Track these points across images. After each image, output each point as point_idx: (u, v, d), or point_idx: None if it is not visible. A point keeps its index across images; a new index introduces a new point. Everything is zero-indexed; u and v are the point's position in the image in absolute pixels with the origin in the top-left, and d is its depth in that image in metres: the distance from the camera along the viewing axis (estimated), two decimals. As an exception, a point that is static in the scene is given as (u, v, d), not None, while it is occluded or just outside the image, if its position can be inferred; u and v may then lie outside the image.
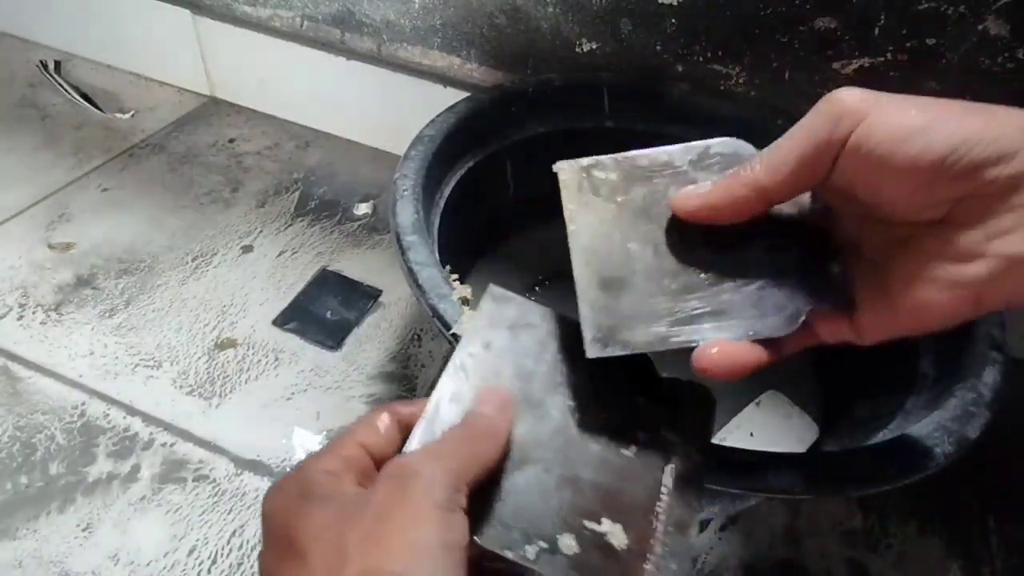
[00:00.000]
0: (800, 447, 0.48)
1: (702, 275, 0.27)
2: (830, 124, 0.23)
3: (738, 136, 0.29)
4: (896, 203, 0.24)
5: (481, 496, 0.25)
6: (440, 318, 0.35)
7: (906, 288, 0.24)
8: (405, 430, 0.27)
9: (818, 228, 0.28)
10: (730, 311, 0.26)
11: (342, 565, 0.21)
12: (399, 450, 0.26)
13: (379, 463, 0.25)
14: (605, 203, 0.29)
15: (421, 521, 0.22)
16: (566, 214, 0.29)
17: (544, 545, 0.24)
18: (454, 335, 0.34)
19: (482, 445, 0.25)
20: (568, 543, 0.24)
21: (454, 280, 0.37)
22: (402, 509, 0.22)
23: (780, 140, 0.25)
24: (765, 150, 0.26)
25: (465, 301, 0.36)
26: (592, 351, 0.27)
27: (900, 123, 0.22)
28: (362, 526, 0.22)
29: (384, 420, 0.27)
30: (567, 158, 0.33)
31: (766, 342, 0.26)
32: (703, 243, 0.28)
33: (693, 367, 0.26)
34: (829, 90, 0.24)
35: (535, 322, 0.31)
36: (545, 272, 0.59)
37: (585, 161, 0.30)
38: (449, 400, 0.27)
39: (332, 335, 0.58)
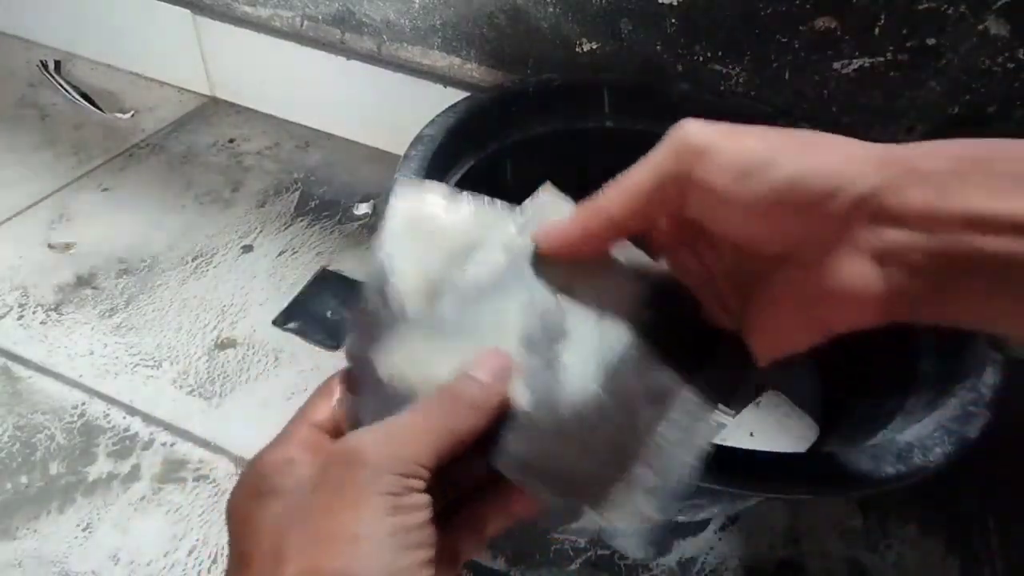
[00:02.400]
0: (800, 447, 0.48)
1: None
2: (673, 158, 0.24)
3: None
4: (740, 236, 0.24)
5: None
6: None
7: (760, 316, 0.25)
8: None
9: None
10: None
11: (279, 567, 0.20)
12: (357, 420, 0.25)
13: (336, 434, 0.24)
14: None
15: (364, 511, 0.20)
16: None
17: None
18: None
19: (461, 417, 0.23)
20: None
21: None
22: (343, 501, 0.21)
23: (631, 170, 0.26)
24: (617, 179, 0.26)
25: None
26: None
27: (740, 157, 0.23)
28: (303, 523, 0.21)
29: (335, 391, 0.25)
30: (567, 158, 0.33)
31: None
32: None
33: None
34: (829, 90, 0.24)
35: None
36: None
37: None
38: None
39: (332, 335, 0.58)
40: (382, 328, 0.25)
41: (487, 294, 0.27)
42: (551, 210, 0.29)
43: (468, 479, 0.26)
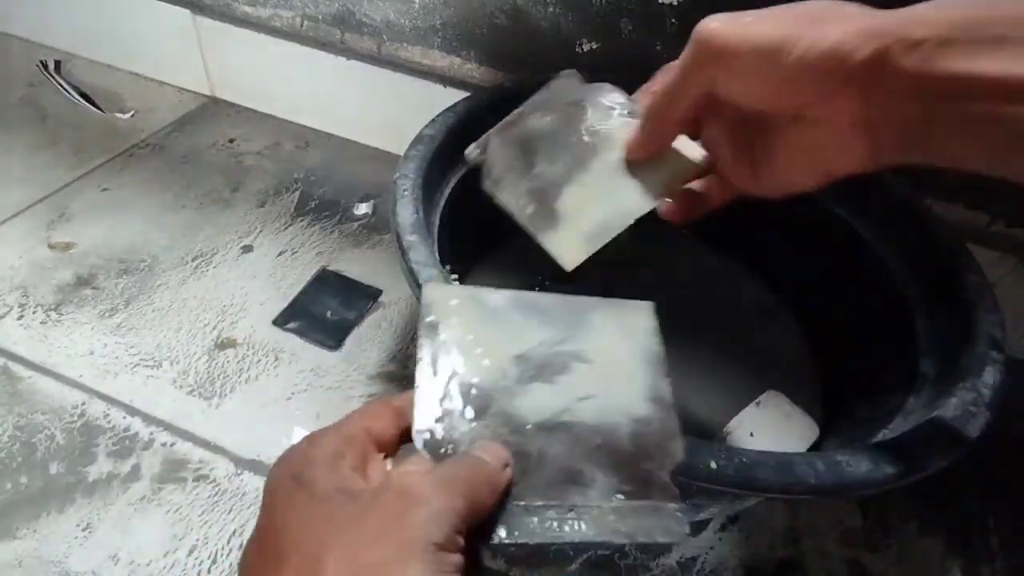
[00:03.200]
0: (800, 447, 0.48)
1: None
2: (700, 66, 0.29)
3: None
4: (761, 106, 0.29)
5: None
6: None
7: (776, 161, 0.30)
8: (404, 419, 0.26)
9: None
10: None
11: None
12: (402, 435, 0.26)
13: (380, 447, 0.25)
14: None
15: (415, 559, 0.20)
16: None
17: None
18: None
19: (483, 490, 0.24)
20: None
21: (454, 280, 0.37)
22: (398, 539, 0.21)
23: (668, 79, 0.31)
24: (659, 93, 0.32)
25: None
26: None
27: (757, 51, 0.27)
28: (349, 544, 0.21)
29: (386, 411, 0.27)
30: None
31: (693, 196, 0.38)
32: None
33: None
34: None
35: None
36: (545, 272, 0.58)
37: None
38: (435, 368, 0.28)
39: (332, 335, 0.58)
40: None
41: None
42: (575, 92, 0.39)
43: None
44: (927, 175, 0.58)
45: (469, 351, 0.28)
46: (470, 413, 0.26)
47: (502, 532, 0.24)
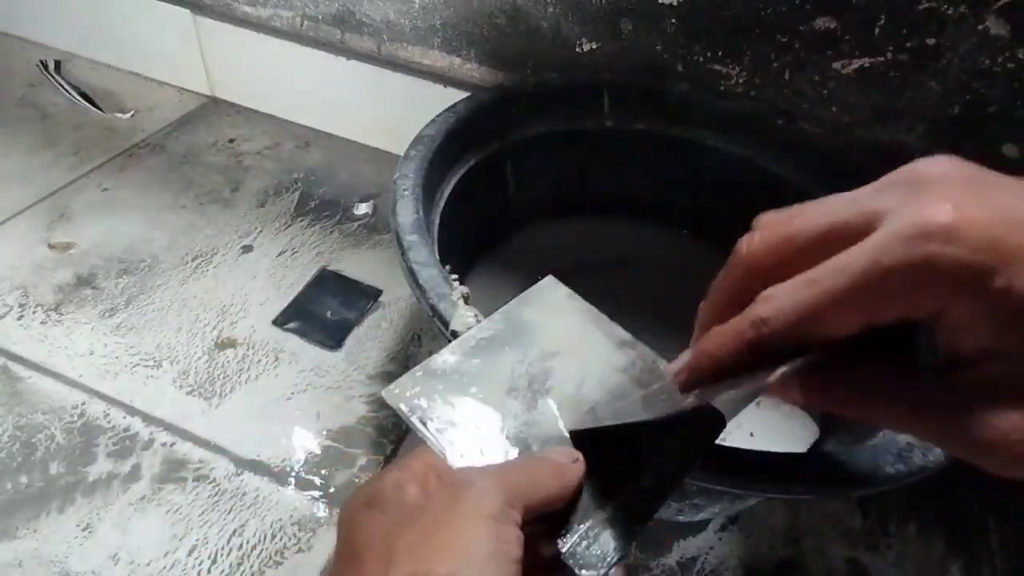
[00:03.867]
0: (800, 447, 0.48)
1: None
2: (905, 249, 0.17)
3: (736, 134, 0.28)
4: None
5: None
6: (440, 318, 0.35)
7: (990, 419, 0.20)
8: None
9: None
10: None
11: (389, 567, 0.21)
12: None
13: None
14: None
15: (471, 528, 0.22)
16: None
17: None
18: (453, 333, 0.34)
19: (544, 477, 0.25)
20: None
21: (454, 280, 0.37)
22: (452, 516, 0.22)
23: (834, 264, 0.18)
24: (817, 273, 0.19)
25: (465, 300, 0.36)
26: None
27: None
28: (413, 531, 0.22)
29: None
30: (567, 158, 0.34)
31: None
32: None
33: None
34: (829, 90, 0.22)
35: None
36: (545, 272, 0.59)
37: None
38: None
39: (332, 335, 0.58)
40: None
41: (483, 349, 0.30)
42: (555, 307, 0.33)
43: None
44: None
45: (470, 419, 0.28)
46: (514, 453, 0.27)
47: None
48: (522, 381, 0.29)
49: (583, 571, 0.24)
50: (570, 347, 0.30)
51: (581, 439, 0.28)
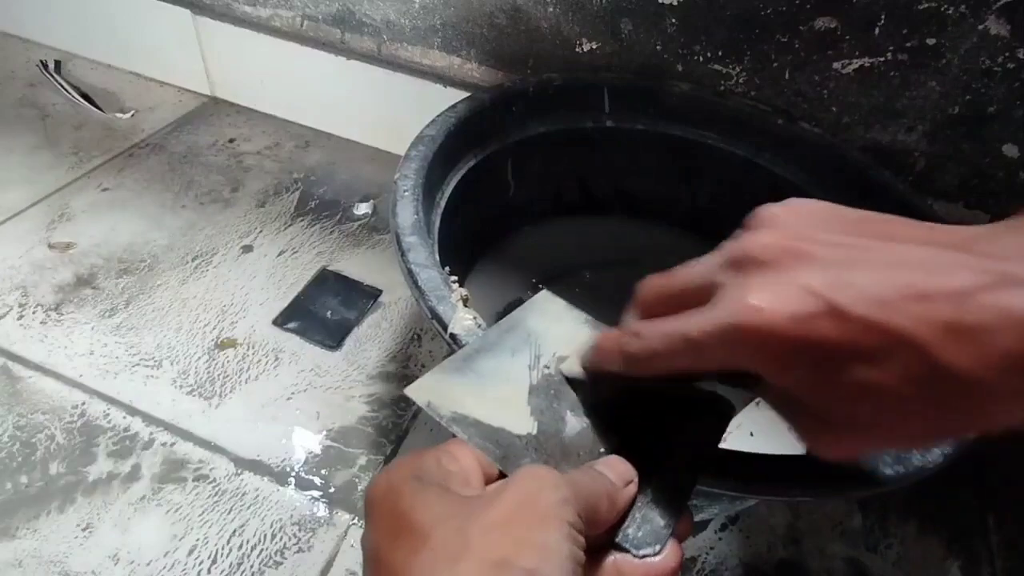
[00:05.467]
0: (800, 448, 0.48)
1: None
2: (731, 352, 0.23)
3: (736, 134, 0.28)
4: None
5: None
6: (439, 320, 0.35)
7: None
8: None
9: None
10: None
11: (463, 551, 0.21)
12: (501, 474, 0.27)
13: (485, 472, 0.26)
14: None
15: (553, 528, 0.21)
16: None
17: None
18: (452, 335, 0.34)
19: (601, 501, 0.25)
20: None
21: (453, 282, 0.37)
22: (534, 512, 0.22)
23: (695, 322, 0.24)
24: (685, 320, 0.25)
25: (465, 303, 0.36)
26: None
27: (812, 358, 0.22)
28: (488, 518, 0.21)
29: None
30: (567, 158, 0.35)
31: None
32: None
33: None
34: (829, 90, 0.24)
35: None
36: (545, 272, 0.59)
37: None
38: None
39: (332, 335, 0.58)
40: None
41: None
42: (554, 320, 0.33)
43: None
44: (927, 175, 0.58)
45: (496, 414, 0.28)
46: (535, 450, 0.27)
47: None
48: (539, 381, 0.29)
49: (640, 551, 0.25)
50: (575, 351, 0.31)
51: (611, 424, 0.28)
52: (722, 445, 0.30)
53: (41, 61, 0.84)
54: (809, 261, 0.22)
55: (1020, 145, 0.54)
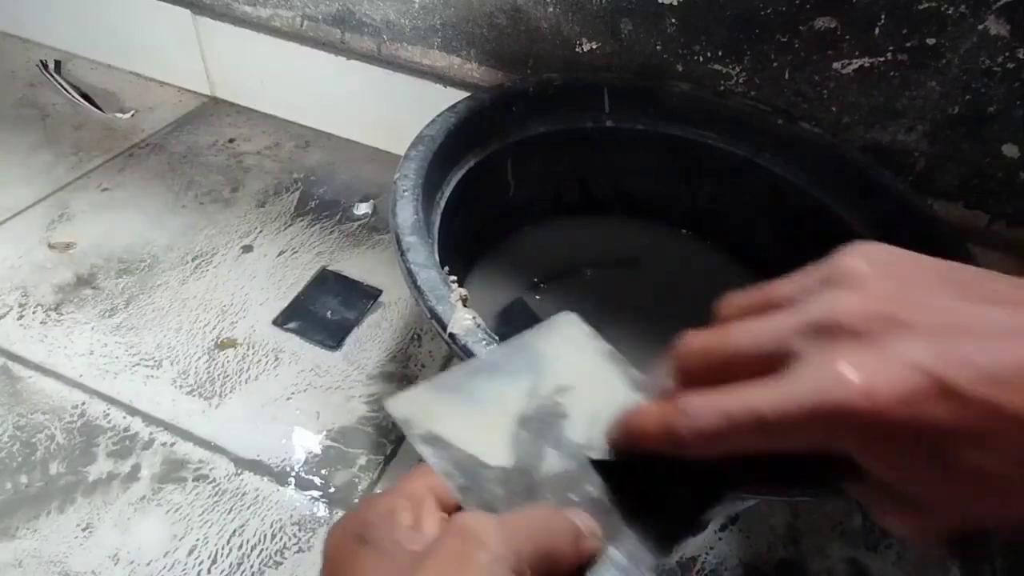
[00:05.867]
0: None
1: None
2: (824, 430, 0.20)
3: (736, 134, 0.27)
4: None
5: None
6: (438, 320, 0.35)
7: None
8: None
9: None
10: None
11: None
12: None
13: (443, 505, 0.25)
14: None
15: None
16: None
17: None
18: (451, 335, 0.34)
19: (562, 542, 0.23)
20: None
21: (452, 281, 0.37)
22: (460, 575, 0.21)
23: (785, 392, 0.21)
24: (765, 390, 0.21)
25: (464, 303, 0.36)
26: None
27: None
28: None
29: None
30: (567, 158, 0.33)
31: None
32: None
33: None
34: (829, 90, 0.23)
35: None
36: (545, 272, 0.59)
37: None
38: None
39: (332, 335, 0.58)
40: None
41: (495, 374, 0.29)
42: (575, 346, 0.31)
43: None
44: (927, 175, 0.58)
45: (474, 442, 0.27)
46: (517, 484, 0.26)
47: None
48: (532, 411, 0.28)
49: None
50: (584, 383, 0.29)
51: (597, 467, 0.27)
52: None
53: (41, 61, 0.84)
54: (911, 330, 0.19)
55: (1020, 145, 0.54)
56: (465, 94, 0.54)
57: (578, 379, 0.29)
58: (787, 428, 0.20)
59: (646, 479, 0.26)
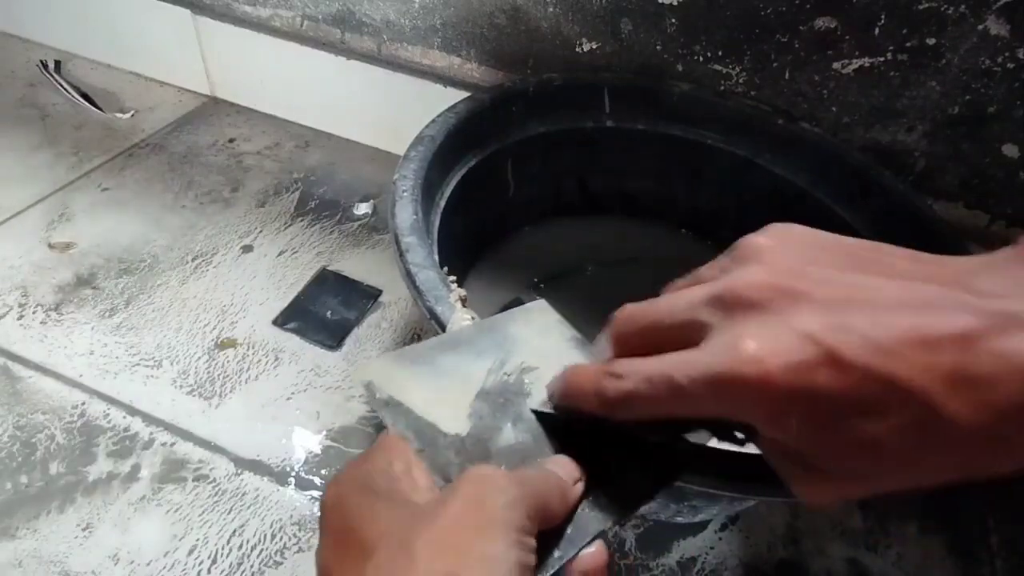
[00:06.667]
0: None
1: None
2: (722, 398, 0.21)
3: (736, 134, 0.27)
4: None
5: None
6: (437, 320, 0.35)
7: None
8: None
9: None
10: None
11: (409, 567, 0.20)
12: None
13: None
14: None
15: (499, 536, 0.21)
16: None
17: None
18: None
19: (553, 496, 0.24)
20: None
21: (452, 282, 0.37)
22: (479, 520, 0.21)
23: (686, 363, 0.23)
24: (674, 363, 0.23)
25: (463, 303, 0.36)
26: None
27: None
28: (434, 529, 0.21)
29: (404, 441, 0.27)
30: (567, 158, 0.34)
31: None
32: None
33: None
34: (829, 90, 0.23)
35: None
36: (545, 272, 0.59)
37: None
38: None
39: (332, 335, 0.58)
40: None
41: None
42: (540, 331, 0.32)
43: None
44: (927, 175, 0.58)
45: (433, 411, 0.27)
46: (472, 451, 0.27)
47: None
48: (494, 387, 0.29)
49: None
50: (549, 366, 0.30)
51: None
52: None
53: (41, 61, 0.84)
54: (805, 302, 0.21)
55: (1020, 145, 0.54)
56: (465, 94, 0.54)
57: (543, 361, 0.30)
58: (697, 395, 0.21)
59: (597, 456, 0.27)
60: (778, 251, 0.23)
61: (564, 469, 0.26)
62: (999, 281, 0.20)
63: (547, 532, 0.24)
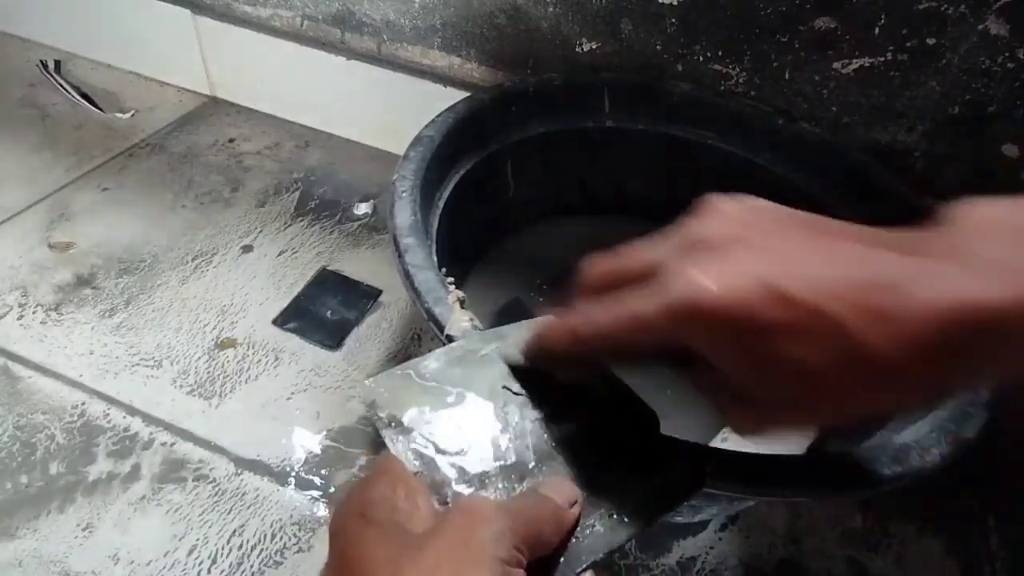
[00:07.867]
0: (798, 448, 0.48)
1: None
2: (674, 326, 0.24)
3: (736, 134, 0.28)
4: None
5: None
6: (435, 322, 0.35)
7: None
8: None
9: None
10: None
11: None
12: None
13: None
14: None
15: (484, 569, 0.21)
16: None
17: None
18: (448, 337, 0.34)
19: (547, 525, 0.25)
20: None
21: (450, 283, 0.37)
22: (466, 552, 0.22)
23: (630, 308, 0.25)
24: (617, 304, 0.26)
25: (461, 304, 0.36)
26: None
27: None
28: (424, 559, 0.22)
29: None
30: (567, 158, 0.34)
31: None
32: None
33: None
34: (829, 90, 0.24)
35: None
36: (545, 273, 0.59)
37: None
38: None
39: (332, 335, 0.58)
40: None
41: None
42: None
43: None
44: (927, 175, 0.58)
45: (442, 428, 0.27)
46: (489, 466, 0.27)
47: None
48: (499, 397, 0.29)
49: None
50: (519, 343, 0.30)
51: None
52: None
53: (41, 61, 0.84)
54: (755, 250, 0.24)
55: (1020, 145, 0.54)
56: (465, 94, 0.54)
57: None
58: (656, 323, 0.24)
59: (596, 468, 0.28)
60: (736, 209, 0.26)
61: (560, 492, 0.26)
62: (926, 246, 0.23)
63: (544, 558, 0.24)
